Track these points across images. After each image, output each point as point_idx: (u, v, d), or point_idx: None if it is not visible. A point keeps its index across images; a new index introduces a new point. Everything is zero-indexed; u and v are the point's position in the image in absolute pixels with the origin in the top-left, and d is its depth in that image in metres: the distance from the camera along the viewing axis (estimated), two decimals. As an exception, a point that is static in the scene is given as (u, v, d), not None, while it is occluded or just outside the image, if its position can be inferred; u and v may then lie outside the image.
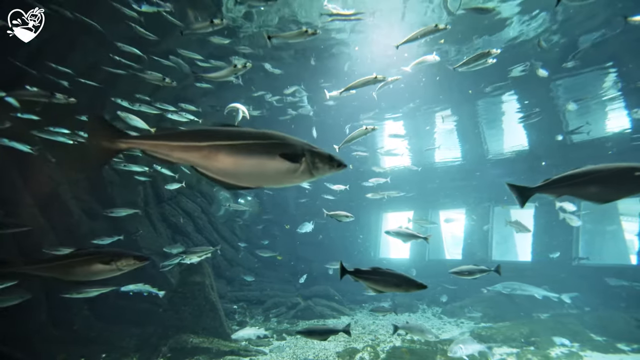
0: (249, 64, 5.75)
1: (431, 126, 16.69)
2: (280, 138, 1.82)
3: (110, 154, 1.76)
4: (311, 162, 1.80)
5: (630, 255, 13.50)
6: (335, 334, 4.85)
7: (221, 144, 1.73)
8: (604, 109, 13.28)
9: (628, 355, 7.51)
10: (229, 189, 1.89)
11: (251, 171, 1.77)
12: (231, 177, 1.80)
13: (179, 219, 12.33)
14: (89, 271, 2.40)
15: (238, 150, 1.73)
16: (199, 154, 1.73)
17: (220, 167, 1.75)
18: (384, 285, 3.15)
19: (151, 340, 7.65)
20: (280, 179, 1.84)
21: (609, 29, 9.53)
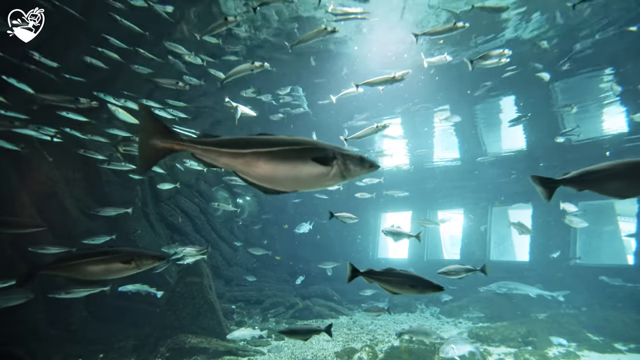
0: (267, 63, 5.73)
1: (429, 127, 16.73)
2: (312, 143, 1.91)
3: (161, 153, 1.81)
4: (343, 164, 1.88)
5: (627, 255, 13.58)
6: (318, 333, 4.84)
7: (260, 151, 1.84)
8: (601, 109, 13.35)
9: (625, 354, 7.55)
10: (267, 193, 1.97)
11: (286, 176, 1.87)
12: (269, 182, 1.90)
13: (177, 218, 12.31)
14: (108, 270, 2.44)
15: (275, 157, 1.84)
16: (242, 160, 1.85)
17: (259, 172, 1.87)
18: (399, 287, 3.05)
19: (149, 341, 7.62)
20: (313, 182, 1.91)
21: (605, 32, 9.59)
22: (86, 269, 2.42)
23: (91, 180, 9.32)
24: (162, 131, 1.79)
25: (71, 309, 7.85)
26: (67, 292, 6.05)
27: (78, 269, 2.43)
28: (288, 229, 15.62)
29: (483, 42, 10.90)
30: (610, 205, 14.28)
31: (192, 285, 8.28)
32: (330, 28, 5.51)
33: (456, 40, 10.70)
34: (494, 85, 11.85)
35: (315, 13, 9.44)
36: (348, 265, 3.28)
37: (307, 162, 1.84)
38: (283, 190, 1.93)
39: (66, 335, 7.61)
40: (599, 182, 2.41)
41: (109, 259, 2.43)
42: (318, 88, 12.45)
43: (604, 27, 9.53)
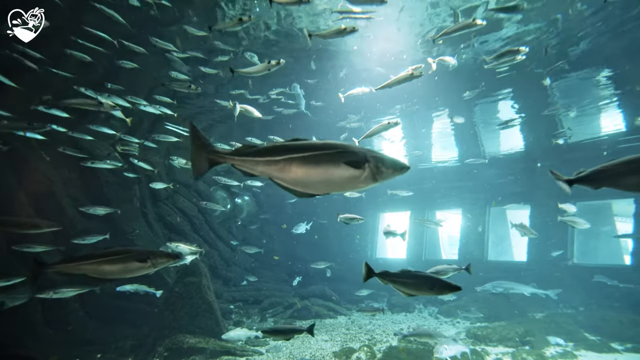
0: (282, 61, 5.70)
1: (427, 128, 16.76)
2: (344, 147, 1.96)
3: (208, 165, 2.03)
4: (375, 167, 1.93)
5: (624, 255, 13.65)
6: (300, 333, 4.83)
7: (293, 156, 1.93)
8: (599, 110, 13.41)
9: (622, 354, 7.58)
10: (301, 197, 2.05)
11: (319, 179, 1.94)
12: (302, 186, 1.99)
13: (175, 218, 12.28)
14: (126, 269, 2.52)
15: (307, 161, 1.92)
16: (277, 166, 1.95)
17: (293, 177, 1.95)
18: (416, 289, 2.96)
19: (147, 341, 7.60)
20: (346, 185, 1.98)
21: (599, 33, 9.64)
22: (105, 268, 2.49)
23: (89, 180, 9.29)
24: (206, 147, 2.00)
25: (68, 309, 7.82)
26: (55, 292, 6.04)
27: (97, 268, 2.49)
28: (286, 229, 15.62)
29: (481, 43, 10.92)
30: (607, 206, 14.35)
31: (190, 285, 8.27)
32: (349, 27, 5.45)
33: (454, 40, 10.72)
34: (490, 86, 11.90)
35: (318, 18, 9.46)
36: (364, 266, 3.19)
37: (340, 166, 1.89)
38: (316, 194, 2.00)
39: (63, 335, 7.58)
40: (615, 178, 2.40)
41: (126, 258, 2.50)
42: (312, 88, 12.44)
43: (601, 30, 9.57)
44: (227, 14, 9.27)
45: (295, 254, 16.80)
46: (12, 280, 5.52)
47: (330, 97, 13.65)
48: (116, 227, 9.84)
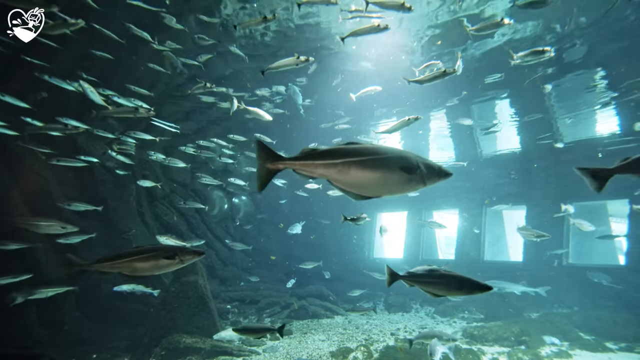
0: (312, 58, 5.65)
1: (425, 130, 16.82)
2: (399, 153, 2.08)
3: (272, 173, 2.13)
4: (425, 173, 2.05)
5: (618, 255, 13.77)
6: (271, 332, 4.83)
7: (352, 160, 2.02)
8: (594, 111, 13.52)
9: (616, 353, 7.66)
10: (356, 199, 2.13)
11: (375, 183, 2.04)
12: (358, 189, 2.08)
13: (172, 217, 12.24)
14: (156, 266, 2.63)
15: (365, 165, 2.02)
16: (335, 169, 2.05)
17: (350, 180, 2.05)
18: (445, 289, 2.88)
19: (143, 341, 7.57)
20: (398, 189, 2.08)
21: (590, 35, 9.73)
22: (137, 266, 2.61)
23: (85, 179, 9.23)
24: (271, 156, 2.10)
25: (64, 309, 7.77)
26: (31, 294, 6.07)
27: (129, 265, 2.60)
28: (283, 229, 15.61)
29: (478, 45, 10.98)
30: (602, 206, 14.47)
31: (187, 284, 8.24)
32: (382, 25, 5.38)
33: (451, 41, 10.78)
34: (487, 87, 11.96)
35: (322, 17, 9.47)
36: (386, 269, 3.14)
37: (395, 171, 2.01)
38: (370, 196, 2.09)
39: (59, 335, 7.53)
40: None
41: (156, 255, 2.61)
42: (305, 88, 12.43)
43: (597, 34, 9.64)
44: (223, 14, 9.25)
45: (293, 254, 16.78)
46: (19, 277, 5.73)
47: (328, 97, 13.67)
48: (112, 227, 9.80)
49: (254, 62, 11.74)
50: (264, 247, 16.73)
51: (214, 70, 11.50)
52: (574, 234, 13.01)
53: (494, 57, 11.15)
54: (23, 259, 7.20)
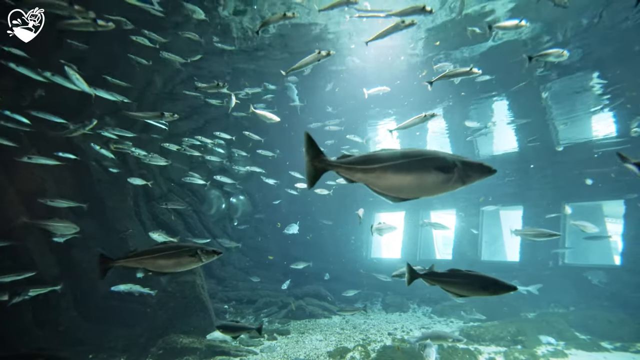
0: (332, 52, 5.63)
1: (422, 131, 16.87)
2: (433, 153, 2.09)
3: (320, 172, 2.19)
4: (463, 171, 2.04)
5: (614, 255, 13.88)
6: (249, 331, 4.95)
7: (387, 164, 2.08)
8: (590, 113, 13.62)
9: (611, 353, 7.71)
10: (394, 202, 2.17)
11: (412, 185, 2.08)
12: (396, 192, 2.12)
13: (169, 217, 12.18)
14: (179, 263, 2.78)
15: (400, 169, 2.06)
16: (373, 174, 2.11)
17: (387, 184, 2.10)
18: (469, 290, 2.80)
19: (140, 341, 7.53)
20: (436, 189, 2.09)
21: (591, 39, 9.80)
22: (161, 263, 2.75)
23: (81, 179, 9.17)
24: (318, 156, 2.15)
25: (60, 310, 7.72)
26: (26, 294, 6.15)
27: (153, 261, 2.75)
28: (280, 228, 15.60)
29: (476, 46, 11.02)
30: (598, 207, 14.58)
31: (184, 284, 8.21)
32: (408, 21, 5.39)
33: (450, 42, 10.81)
34: (484, 88, 12.02)
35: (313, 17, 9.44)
36: (406, 267, 3.07)
37: (431, 172, 2.03)
38: (408, 198, 2.14)
39: (55, 335, 7.48)
40: None
41: (178, 253, 2.76)
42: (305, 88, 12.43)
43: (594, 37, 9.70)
44: (221, 14, 9.23)
45: (291, 254, 16.76)
46: (23, 275, 5.87)
47: (328, 97, 13.66)
48: (109, 226, 9.75)
49: (252, 62, 11.73)
50: (262, 247, 16.70)
51: (211, 68, 11.48)
52: (569, 235, 13.10)
53: (492, 58, 11.21)
54: (18, 258, 7.15)
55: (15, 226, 6.74)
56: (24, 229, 7.15)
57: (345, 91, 13.51)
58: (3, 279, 5.82)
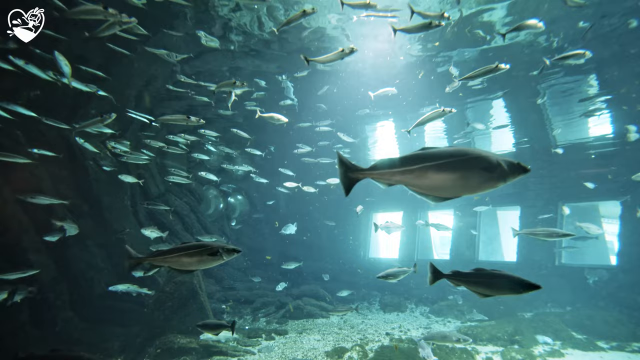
0: (355, 47, 5.65)
1: (420, 132, 16.89)
2: (477, 153, 2.10)
3: (354, 182, 2.30)
4: (505, 170, 2.07)
5: (610, 256, 13.98)
6: (225, 329, 5.18)
7: (428, 164, 2.08)
8: (587, 115, 13.69)
9: (607, 352, 7.76)
10: (435, 202, 2.19)
11: (455, 184, 2.09)
12: (437, 191, 2.14)
13: (167, 217, 12.14)
14: (201, 261, 2.90)
15: (443, 168, 2.07)
16: (412, 175, 2.12)
17: (428, 184, 2.11)
18: (496, 289, 2.78)
19: (137, 341, 7.51)
20: (479, 188, 2.12)
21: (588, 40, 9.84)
22: (185, 260, 2.89)
23: (79, 178, 9.12)
24: (350, 167, 2.29)
25: (56, 310, 7.67)
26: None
27: (177, 260, 2.89)
28: (277, 228, 15.59)
29: (474, 46, 11.04)
30: (594, 207, 14.67)
31: (182, 284, 8.19)
32: (435, 23, 5.44)
33: (448, 43, 10.82)
34: (482, 88, 12.06)
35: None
36: (429, 267, 3.04)
37: (475, 171, 2.05)
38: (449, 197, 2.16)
39: (51, 336, 7.43)
40: None
41: (201, 252, 2.88)
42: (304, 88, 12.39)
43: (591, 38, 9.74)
44: (220, 14, 9.20)
45: (289, 254, 16.76)
46: (27, 272, 6.01)
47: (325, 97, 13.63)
48: (107, 226, 9.70)
49: (249, 61, 11.70)
50: (260, 247, 16.68)
51: (209, 66, 11.44)
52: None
53: (490, 59, 11.24)
54: (12, 257, 7.09)
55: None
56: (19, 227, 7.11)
57: (343, 90, 13.51)
58: (9, 276, 5.90)
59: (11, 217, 7.21)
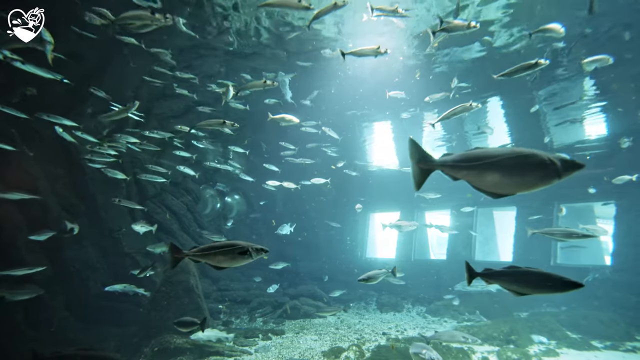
0: (389, 50, 5.82)
1: (418, 131, 16.93)
2: (531, 151, 2.17)
3: (426, 173, 2.31)
4: (560, 167, 2.12)
5: (604, 256, 14.10)
6: (197, 325, 5.46)
7: (489, 162, 2.16)
8: (582, 114, 13.80)
9: (601, 352, 7.84)
10: (494, 198, 2.27)
11: (514, 182, 2.16)
12: (497, 188, 2.21)
13: (163, 216, 12.08)
14: (233, 259, 3.16)
15: (503, 166, 2.14)
16: (475, 171, 2.21)
17: (489, 180, 2.19)
18: (533, 288, 2.70)
19: (133, 341, 7.47)
20: (536, 184, 2.17)
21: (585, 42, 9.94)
22: (219, 258, 3.15)
23: (75, 177, 9.06)
24: (423, 157, 2.29)
25: (51, 310, 7.62)
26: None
27: (213, 257, 3.15)
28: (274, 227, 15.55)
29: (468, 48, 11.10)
30: (589, 208, 14.79)
31: (178, 284, 8.16)
32: (473, 24, 5.60)
33: (446, 43, 10.86)
34: (480, 88, 12.11)
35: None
36: (465, 265, 3.00)
37: (533, 169, 2.11)
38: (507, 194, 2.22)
39: (46, 336, 7.38)
40: None
41: (233, 250, 3.15)
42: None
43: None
44: (217, 12, 9.17)
45: (286, 254, 16.73)
46: (33, 269, 6.14)
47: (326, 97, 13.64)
48: (102, 225, 9.65)
49: (247, 62, 11.68)
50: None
51: (207, 67, 11.42)
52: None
53: (489, 60, 11.30)
54: (7, 257, 7.04)
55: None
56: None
57: (341, 90, 13.52)
58: (15, 273, 6.00)
59: (6, 216, 7.15)
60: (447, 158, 2.29)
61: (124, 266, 9.60)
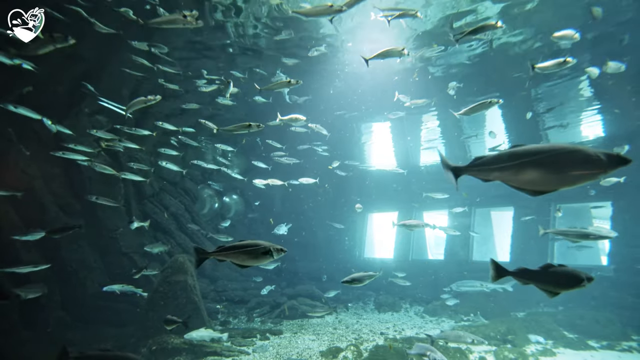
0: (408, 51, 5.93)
1: (417, 131, 16.98)
2: (574, 147, 2.14)
3: (456, 177, 2.49)
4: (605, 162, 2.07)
5: (601, 256, 14.18)
6: (180, 323, 5.65)
7: (527, 160, 2.16)
8: (579, 116, 13.88)
9: (598, 351, 7.89)
10: (533, 195, 2.28)
11: (554, 178, 2.14)
12: (534, 185, 2.21)
13: (161, 216, 12.05)
14: (255, 258, 3.28)
15: (543, 164, 2.12)
16: (510, 171, 2.22)
17: (527, 178, 2.19)
18: (564, 285, 2.76)
19: (130, 341, 7.45)
20: (579, 181, 2.14)
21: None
22: (243, 257, 3.26)
23: (72, 176, 9.02)
24: (451, 165, 2.50)
25: (47, 310, 7.59)
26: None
27: (237, 256, 3.26)
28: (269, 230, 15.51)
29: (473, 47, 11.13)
30: (586, 208, 14.87)
31: (176, 284, 8.14)
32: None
33: (445, 43, 10.89)
34: (479, 88, 12.15)
35: None
36: (491, 264, 3.04)
37: (577, 165, 2.07)
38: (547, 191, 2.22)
39: (43, 336, 7.35)
40: None
41: (255, 249, 3.26)
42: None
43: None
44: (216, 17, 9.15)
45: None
46: (38, 267, 6.28)
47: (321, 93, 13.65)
48: (100, 225, 9.62)
49: (246, 61, 11.66)
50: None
51: (203, 66, 11.38)
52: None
53: (487, 61, 11.34)
54: (4, 256, 7.00)
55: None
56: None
57: (339, 90, 13.53)
58: (20, 270, 6.03)
59: (2, 216, 7.11)
60: (474, 163, 2.37)
61: (121, 266, 9.57)
